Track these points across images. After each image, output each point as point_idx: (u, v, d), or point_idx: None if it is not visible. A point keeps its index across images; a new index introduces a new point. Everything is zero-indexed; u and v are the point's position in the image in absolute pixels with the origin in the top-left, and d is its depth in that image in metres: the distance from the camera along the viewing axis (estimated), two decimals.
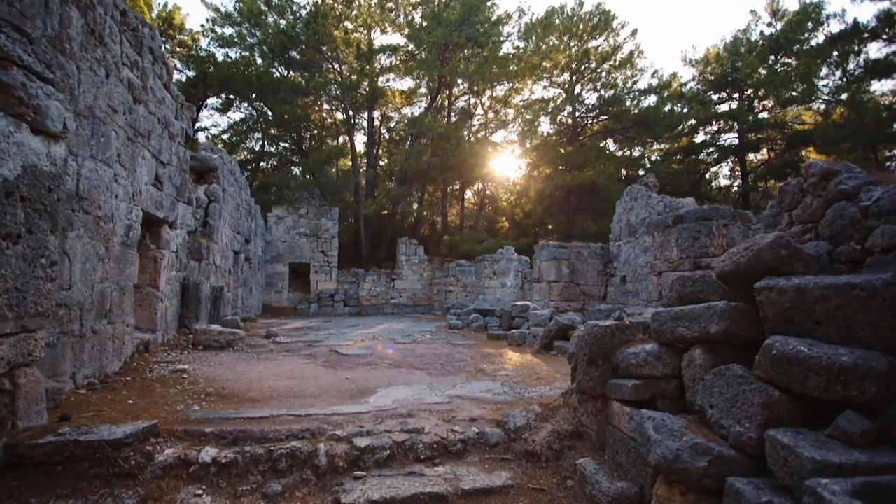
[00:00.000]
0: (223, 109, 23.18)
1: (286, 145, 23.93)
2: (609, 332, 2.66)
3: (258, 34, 20.74)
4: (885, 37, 20.34)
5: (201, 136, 22.77)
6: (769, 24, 24.96)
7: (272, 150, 24.59)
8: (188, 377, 4.69)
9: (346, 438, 2.79)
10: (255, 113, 22.27)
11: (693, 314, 2.29)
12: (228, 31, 21.19)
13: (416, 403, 3.75)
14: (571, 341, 2.90)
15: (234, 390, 4.22)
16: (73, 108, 3.85)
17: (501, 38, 23.22)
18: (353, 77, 20.47)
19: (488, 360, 5.98)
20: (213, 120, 34.99)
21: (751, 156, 27.17)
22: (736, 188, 28.01)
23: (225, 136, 22.53)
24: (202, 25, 22.18)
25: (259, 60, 20.37)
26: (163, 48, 6.00)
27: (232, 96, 21.50)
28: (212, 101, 22.59)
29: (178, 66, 22.47)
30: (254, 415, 3.19)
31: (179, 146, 6.77)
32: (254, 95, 20.09)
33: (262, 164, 24.31)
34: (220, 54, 20.60)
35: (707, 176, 28.66)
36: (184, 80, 20.36)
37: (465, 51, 21.66)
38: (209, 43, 20.84)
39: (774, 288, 1.95)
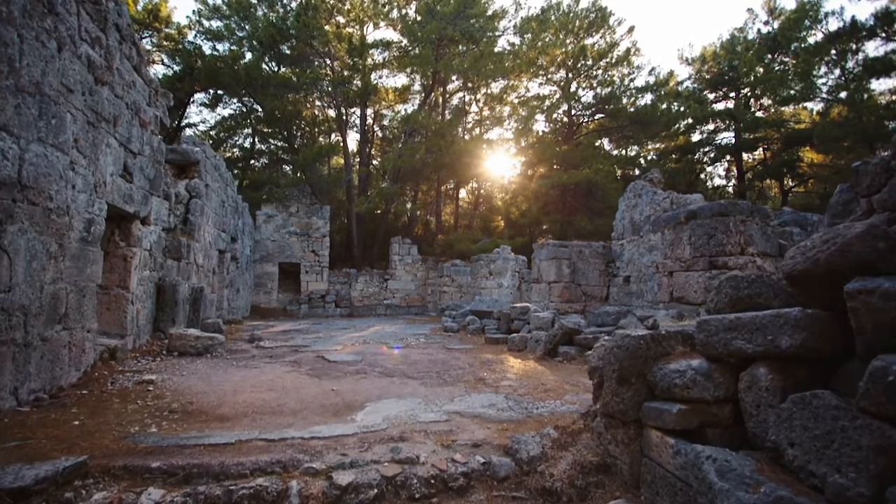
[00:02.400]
0: (211, 105, 22.57)
1: (277, 143, 23.37)
2: (644, 345, 2.20)
3: (247, 27, 20.16)
4: (883, 35, 20.17)
5: (188, 133, 22.13)
6: (766, 23, 24.79)
7: (263, 148, 24.02)
8: (154, 389, 4.19)
9: (324, 472, 2.31)
10: (244, 109, 21.66)
11: (755, 324, 1.84)
12: (216, 24, 20.59)
13: (410, 422, 3.27)
14: (594, 352, 2.44)
15: (202, 405, 3.72)
16: (14, 83, 3.35)
17: (497, 33, 22.80)
18: (345, 72, 19.94)
19: (488, 367, 5.51)
20: (201, 116, 34.25)
21: (746, 155, 26.94)
22: (731, 188, 27.79)
23: (213, 133, 21.88)
24: (188, 17, 21.52)
25: (248, 55, 19.79)
26: (132, 27, 5.48)
27: (220, 92, 20.88)
28: (200, 96, 22.02)
29: (165, 60, 21.86)
30: (217, 440, 2.70)
31: (153, 135, 6.24)
32: (243, 91, 19.51)
33: (252, 162, 23.70)
34: (207, 48, 20.00)
35: (702, 176, 28.41)
36: (170, 74, 19.75)
37: (460, 46, 21.21)
38: (196, 36, 20.22)
39: (876, 291, 1.50)
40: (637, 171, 24.91)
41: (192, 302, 7.64)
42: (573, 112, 24.69)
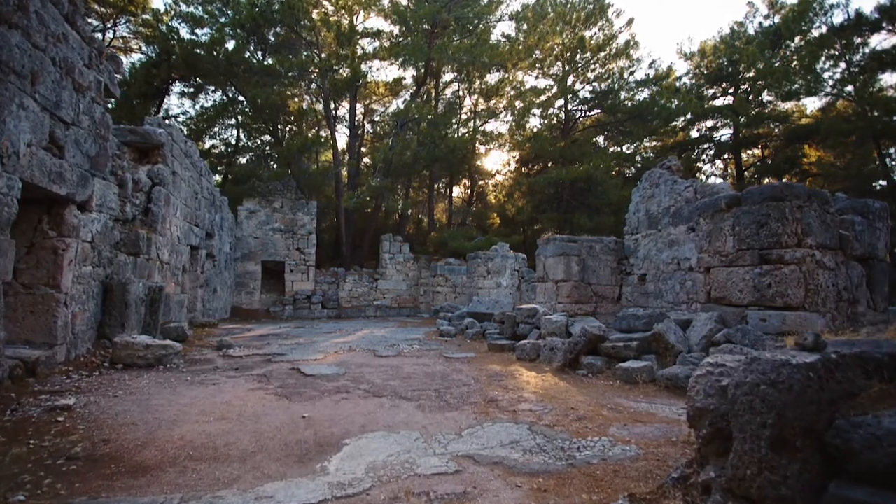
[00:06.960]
0: (192, 95, 21.38)
1: (263, 138, 22.29)
2: (815, 382, 1.26)
3: (229, 13, 19.00)
4: (889, 28, 19.57)
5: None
6: (766, 17, 24.16)
7: (248, 144, 22.90)
8: (65, 420, 3.17)
9: None
10: (226, 99, 20.46)
11: None
12: (196, 9, 19.39)
13: (404, 475, 2.31)
14: (698, 384, 1.52)
15: (120, 445, 2.73)
16: None
17: (493, 20, 21.90)
18: (333, 60, 18.86)
19: (498, 383, 4.54)
20: (182, 108, 32.97)
21: (745, 153, 26.27)
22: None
23: (193, 124, 20.66)
24: None
25: (231, 43, 18.64)
26: None
27: (200, 81, 19.70)
28: (180, 88, 20.85)
29: (143, 48, 20.64)
30: None
31: (94, 103, 5.21)
32: (224, 79, 18.36)
33: (237, 158, 22.53)
34: (185, 32, 18.81)
35: (698, 175, 27.71)
36: (145, 60, 18.59)
37: (455, 36, 20.26)
38: (173, 20, 19.03)
39: None
40: (633, 170, 24.16)
41: (149, 304, 6.59)
42: (570, 107, 23.85)
